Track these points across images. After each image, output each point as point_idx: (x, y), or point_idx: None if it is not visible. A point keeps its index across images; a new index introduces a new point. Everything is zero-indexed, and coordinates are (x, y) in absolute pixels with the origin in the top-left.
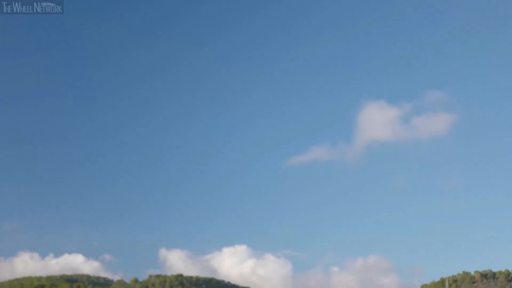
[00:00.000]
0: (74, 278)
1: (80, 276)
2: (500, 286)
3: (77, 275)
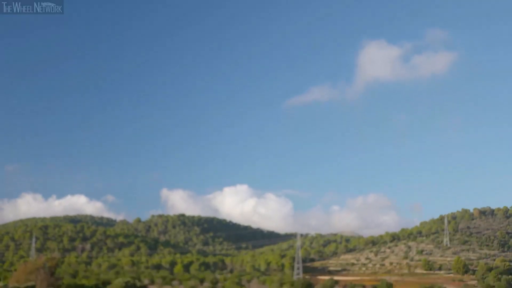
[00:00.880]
0: (77, 218)
1: (84, 217)
2: (498, 222)
3: (81, 215)
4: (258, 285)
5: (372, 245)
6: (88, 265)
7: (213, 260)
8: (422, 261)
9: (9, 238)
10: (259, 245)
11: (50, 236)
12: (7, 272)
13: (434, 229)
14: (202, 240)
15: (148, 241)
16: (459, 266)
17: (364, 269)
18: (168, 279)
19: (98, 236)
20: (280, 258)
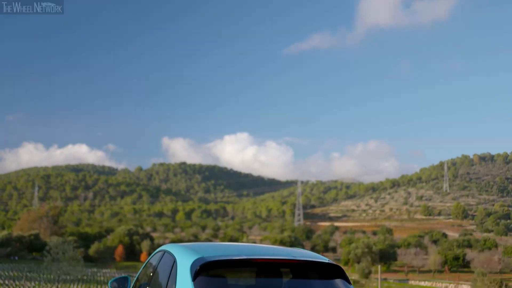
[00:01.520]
0: (79, 167)
1: (85, 166)
2: (497, 168)
3: (82, 164)
4: (259, 232)
5: (372, 192)
6: (90, 213)
7: (215, 208)
8: (421, 207)
9: (11, 187)
10: (260, 192)
11: (52, 185)
12: (11, 220)
13: (434, 175)
14: (204, 188)
15: (150, 189)
16: (458, 211)
17: (364, 215)
18: (170, 227)
19: (100, 184)
20: (281, 205)
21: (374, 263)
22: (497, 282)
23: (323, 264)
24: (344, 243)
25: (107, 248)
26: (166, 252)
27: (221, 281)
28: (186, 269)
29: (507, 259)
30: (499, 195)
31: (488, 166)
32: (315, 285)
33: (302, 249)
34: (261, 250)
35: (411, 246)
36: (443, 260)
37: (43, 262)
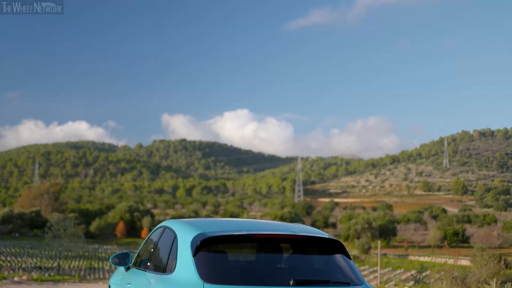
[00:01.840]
0: (79, 144)
1: (85, 143)
2: (497, 143)
3: (82, 141)
4: (260, 208)
5: (372, 168)
6: (91, 190)
7: (215, 184)
8: (421, 183)
9: (12, 164)
10: (260, 169)
11: (53, 162)
12: (12, 198)
13: (434, 151)
14: (204, 165)
15: (150, 166)
16: (458, 187)
17: (364, 191)
18: (171, 203)
19: (101, 161)
20: (281, 181)
21: (374, 238)
22: (496, 257)
23: (323, 240)
24: (344, 219)
25: (108, 224)
26: (167, 228)
27: (221, 256)
28: (187, 244)
29: (506, 234)
30: (498, 171)
31: (488, 142)
32: (315, 260)
33: (302, 224)
34: (261, 225)
35: (410, 221)
36: (443, 236)
37: (45, 238)
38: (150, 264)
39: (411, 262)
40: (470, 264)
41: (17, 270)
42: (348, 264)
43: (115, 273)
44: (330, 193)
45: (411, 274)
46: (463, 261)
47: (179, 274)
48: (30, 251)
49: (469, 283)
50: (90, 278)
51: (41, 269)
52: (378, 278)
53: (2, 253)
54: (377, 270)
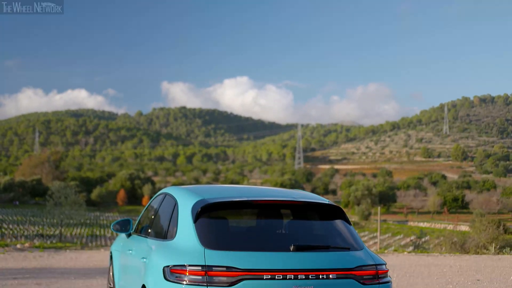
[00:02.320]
0: (79, 112)
1: (85, 111)
2: (498, 109)
3: (82, 109)
4: (260, 175)
5: (372, 134)
6: (92, 158)
7: (215, 152)
8: (421, 149)
9: (12, 133)
10: (260, 136)
11: (53, 130)
12: (13, 166)
13: (434, 118)
14: (204, 132)
15: (150, 133)
16: (457, 153)
17: (364, 158)
18: (171, 171)
19: (101, 129)
20: (281, 149)
21: (373, 205)
22: (495, 223)
23: (323, 205)
24: (344, 186)
25: (109, 192)
26: (167, 194)
27: (222, 222)
28: (187, 211)
29: (506, 200)
30: (498, 137)
31: (488, 108)
32: (315, 226)
33: (303, 190)
34: (261, 192)
35: (410, 188)
36: (442, 202)
37: (46, 206)
38: (151, 230)
39: (411, 228)
40: (469, 229)
41: (20, 238)
42: (348, 230)
43: (117, 240)
44: (330, 160)
45: (410, 240)
46: (462, 227)
47: (180, 240)
48: (32, 219)
49: (468, 248)
50: (92, 245)
51: (43, 237)
52: (378, 244)
53: (4, 221)
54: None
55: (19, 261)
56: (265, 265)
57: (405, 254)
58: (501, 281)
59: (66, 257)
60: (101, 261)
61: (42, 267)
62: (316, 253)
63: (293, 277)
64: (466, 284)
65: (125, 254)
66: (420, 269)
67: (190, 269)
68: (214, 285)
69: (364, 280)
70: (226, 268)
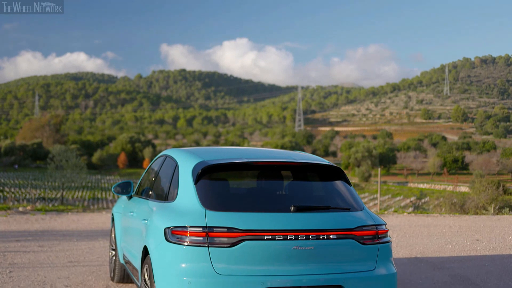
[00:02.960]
0: (78, 76)
1: (85, 74)
2: (499, 70)
3: (81, 73)
4: (260, 137)
5: (372, 96)
6: (92, 121)
7: (215, 114)
8: (421, 111)
9: (12, 96)
10: (260, 98)
11: (53, 93)
12: (13, 130)
13: (435, 79)
14: (204, 95)
15: (150, 96)
16: (458, 114)
17: (364, 120)
18: (172, 134)
19: (100, 93)
20: (281, 111)
21: (374, 166)
22: (495, 184)
23: (324, 166)
24: (345, 148)
25: (110, 155)
26: (168, 156)
27: (222, 184)
28: (188, 172)
29: (505, 160)
30: (499, 98)
31: (489, 69)
32: (315, 187)
33: (303, 152)
34: (262, 153)
35: (410, 149)
36: (442, 163)
37: (47, 170)
38: (152, 192)
39: (411, 189)
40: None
41: (22, 201)
42: (348, 190)
43: (118, 202)
44: (331, 122)
45: (410, 201)
46: (462, 188)
47: (180, 202)
48: (33, 182)
49: (468, 208)
50: (94, 208)
51: (45, 200)
52: (378, 205)
53: (6, 184)
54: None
55: (22, 223)
56: (266, 225)
57: (405, 215)
58: (499, 240)
59: (68, 219)
60: (103, 223)
61: (44, 229)
62: (316, 214)
63: (293, 238)
64: (465, 244)
65: (127, 216)
66: (420, 230)
67: (191, 230)
68: (215, 246)
69: (364, 240)
70: (227, 229)
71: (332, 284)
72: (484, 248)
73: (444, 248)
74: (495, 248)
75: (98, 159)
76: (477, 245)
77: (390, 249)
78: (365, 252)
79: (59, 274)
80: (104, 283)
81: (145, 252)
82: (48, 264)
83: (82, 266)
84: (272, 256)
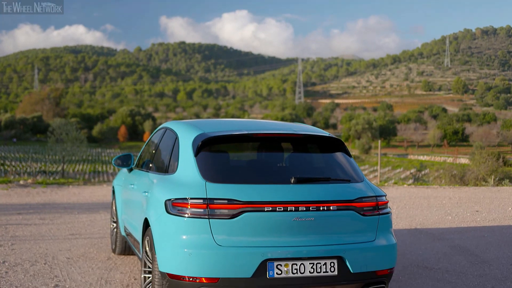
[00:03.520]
0: (77, 49)
1: (84, 47)
2: (500, 41)
3: (80, 45)
4: (260, 110)
5: (373, 68)
6: (92, 95)
7: (215, 87)
8: (422, 82)
9: (11, 70)
10: (260, 71)
11: (52, 67)
12: (13, 103)
13: (435, 50)
14: (204, 67)
15: (150, 69)
16: (458, 86)
17: (364, 92)
18: (172, 107)
19: (100, 66)
20: (281, 83)
21: (374, 138)
22: (495, 155)
23: (324, 138)
24: (345, 120)
25: (110, 129)
26: (168, 129)
27: (223, 156)
28: (188, 145)
29: (506, 132)
30: (500, 69)
31: (490, 40)
32: (316, 159)
33: (303, 124)
34: (262, 125)
35: (411, 121)
36: (442, 135)
37: (47, 143)
38: (152, 165)
39: (411, 161)
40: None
41: (22, 175)
42: (349, 162)
43: (118, 174)
44: (331, 94)
45: (410, 173)
46: (462, 159)
47: (181, 174)
48: (34, 156)
49: (468, 180)
50: (94, 181)
51: (45, 173)
52: (378, 177)
53: (6, 158)
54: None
55: (23, 196)
56: (266, 197)
57: (405, 186)
58: (499, 211)
59: (69, 192)
60: (104, 196)
61: (46, 202)
62: (317, 185)
63: (294, 209)
64: (465, 215)
65: (127, 189)
66: (420, 201)
67: (191, 202)
68: (215, 217)
69: (364, 211)
70: (227, 200)
71: (332, 255)
72: (483, 219)
73: (444, 219)
74: (494, 219)
75: (98, 133)
76: (477, 216)
77: (390, 220)
78: (365, 223)
79: (61, 247)
80: (105, 255)
81: (146, 224)
82: (50, 236)
83: (83, 239)
84: (272, 227)
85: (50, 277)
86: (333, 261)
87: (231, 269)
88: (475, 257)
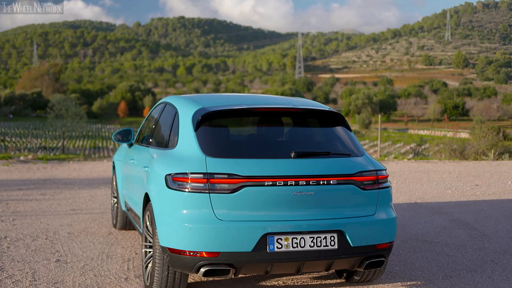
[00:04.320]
0: (76, 24)
1: (82, 22)
2: (501, 15)
3: (79, 21)
4: (260, 85)
5: (373, 42)
6: (91, 70)
7: (215, 62)
8: (422, 57)
9: (10, 45)
10: (260, 46)
11: (51, 42)
12: (12, 79)
13: (436, 24)
14: (203, 42)
15: (149, 44)
16: (459, 60)
17: (365, 67)
18: (172, 82)
19: (99, 41)
20: (281, 58)
21: (374, 113)
22: (495, 129)
23: (324, 112)
24: (345, 95)
25: (110, 104)
26: (168, 104)
27: (223, 130)
28: (188, 119)
29: (506, 106)
30: (501, 43)
31: (491, 14)
32: (316, 133)
33: (303, 98)
34: (262, 99)
35: (411, 96)
36: (443, 109)
37: (47, 119)
38: (152, 140)
39: (411, 135)
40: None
41: (23, 150)
42: (349, 136)
43: (118, 150)
44: (331, 69)
45: (410, 147)
46: (462, 134)
47: (181, 149)
48: (34, 131)
49: (468, 154)
50: (95, 156)
51: (46, 149)
52: (378, 152)
53: (6, 134)
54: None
55: (23, 172)
56: (266, 171)
57: (405, 161)
58: (499, 185)
59: (69, 168)
60: (104, 172)
61: (46, 178)
62: (317, 160)
63: (294, 183)
64: (465, 189)
65: (127, 164)
66: (420, 175)
67: (192, 177)
68: (215, 192)
69: (364, 185)
70: (228, 175)
71: (332, 229)
72: (483, 193)
73: (443, 193)
74: (494, 193)
75: (98, 108)
76: (477, 190)
77: (390, 194)
78: (365, 197)
79: (62, 222)
80: (106, 230)
81: (146, 199)
82: (51, 212)
83: (84, 214)
84: (272, 201)
85: (52, 252)
86: (333, 235)
87: (232, 243)
88: (475, 231)
